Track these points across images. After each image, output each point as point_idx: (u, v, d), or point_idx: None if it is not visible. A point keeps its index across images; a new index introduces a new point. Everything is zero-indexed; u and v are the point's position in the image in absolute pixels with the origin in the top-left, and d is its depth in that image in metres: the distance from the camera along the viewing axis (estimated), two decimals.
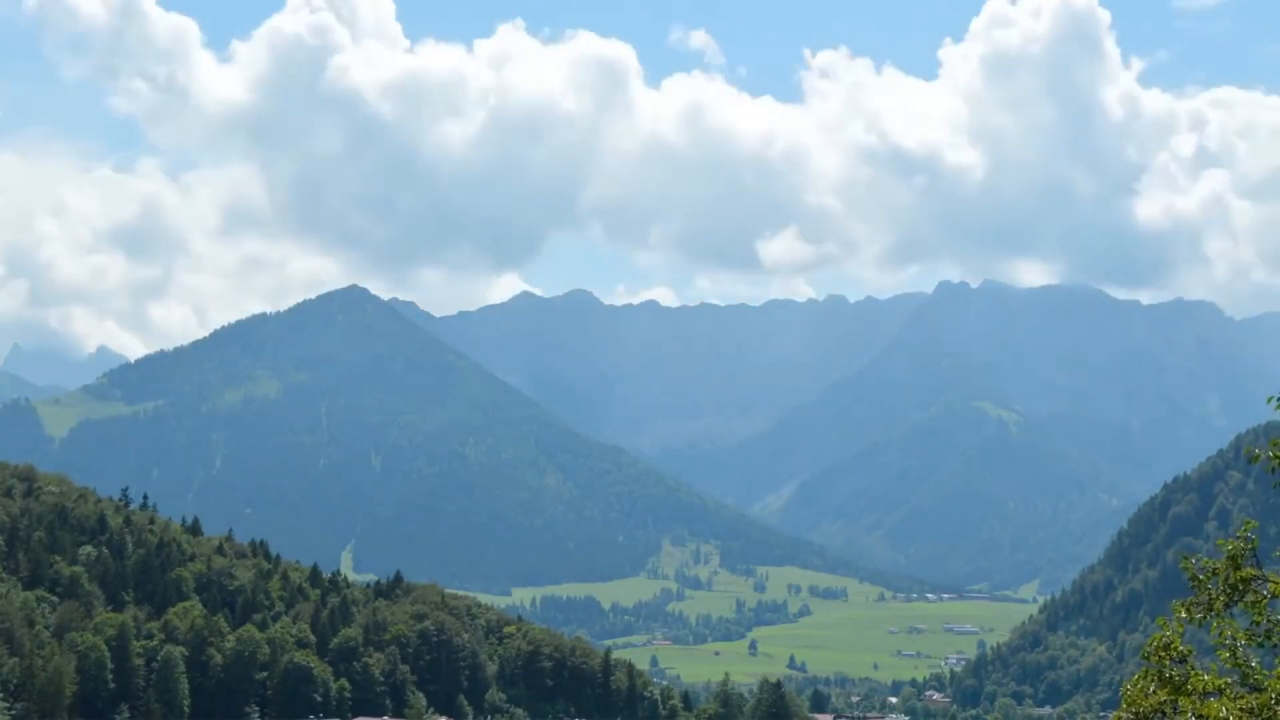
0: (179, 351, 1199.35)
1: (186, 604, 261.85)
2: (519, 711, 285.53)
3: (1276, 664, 31.67)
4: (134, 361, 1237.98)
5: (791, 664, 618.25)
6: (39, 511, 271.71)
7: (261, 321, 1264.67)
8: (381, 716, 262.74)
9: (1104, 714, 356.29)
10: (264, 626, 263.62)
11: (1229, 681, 31.79)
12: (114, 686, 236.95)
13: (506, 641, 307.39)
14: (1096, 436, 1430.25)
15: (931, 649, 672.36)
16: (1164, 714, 31.89)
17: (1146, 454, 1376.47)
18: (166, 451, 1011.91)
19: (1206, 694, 31.51)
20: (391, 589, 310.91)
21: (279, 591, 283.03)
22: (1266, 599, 31.48)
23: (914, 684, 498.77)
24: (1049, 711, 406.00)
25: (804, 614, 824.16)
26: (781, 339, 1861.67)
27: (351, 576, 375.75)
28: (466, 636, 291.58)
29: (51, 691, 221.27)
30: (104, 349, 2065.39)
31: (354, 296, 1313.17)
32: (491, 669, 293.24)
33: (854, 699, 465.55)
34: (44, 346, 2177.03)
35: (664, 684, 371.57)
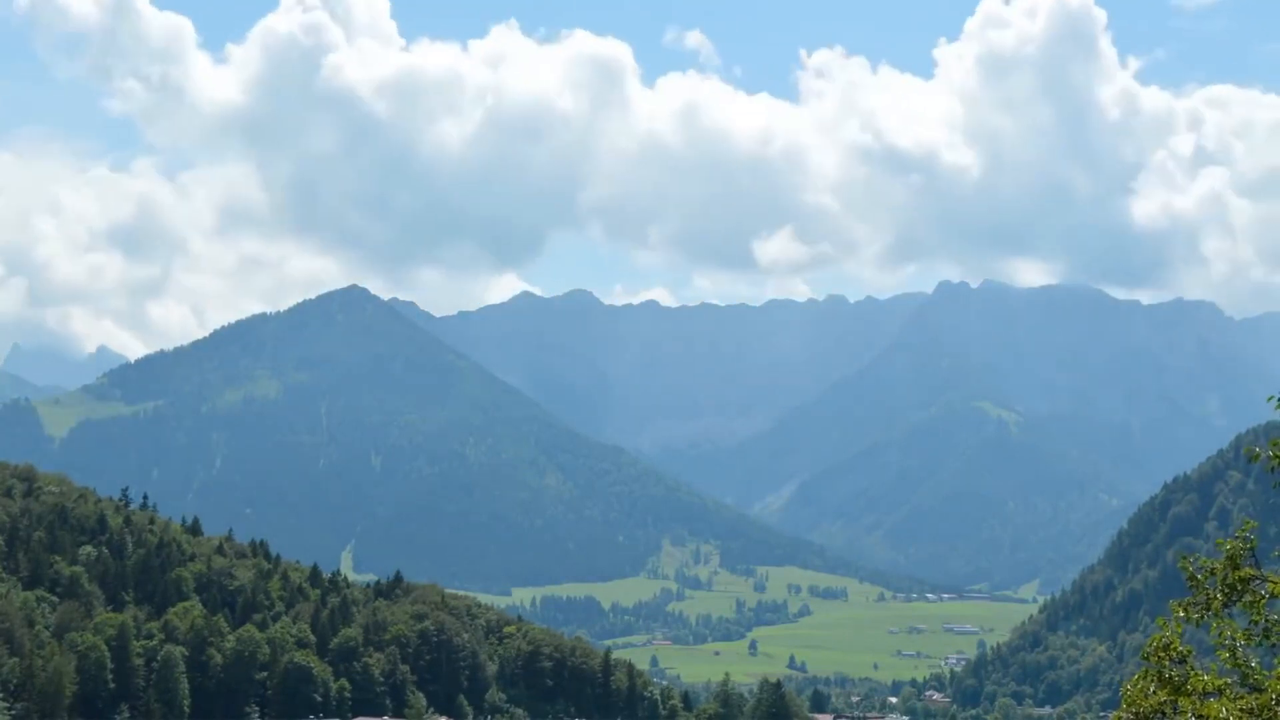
0: (179, 351, 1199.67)
1: (186, 604, 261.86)
2: (519, 711, 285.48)
3: (1276, 664, 31.69)
4: (134, 361, 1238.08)
5: (791, 664, 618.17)
6: (39, 511, 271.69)
7: (261, 321, 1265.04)
8: (381, 716, 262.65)
9: (1104, 714, 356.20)
10: (264, 626, 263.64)
11: (1229, 682, 31.83)
12: (114, 686, 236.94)
13: (506, 641, 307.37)
14: (1096, 436, 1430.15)
15: (931, 649, 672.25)
16: (1164, 714, 31.93)
17: (1146, 454, 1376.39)
18: (166, 451, 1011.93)
19: (1206, 694, 31.54)
20: (391, 589, 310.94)
21: (279, 591, 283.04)
22: (1265, 599, 31.51)
23: (914, 684, 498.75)
24: (1049, 711, 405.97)
25: (804, 614, 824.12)
26: (781, 339, 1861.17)
27: (351, 576, 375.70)
28: (466, 636, 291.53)
29: (51, 691, 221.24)
30: (104, 349, 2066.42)
31: (354, 296, 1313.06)
32: (491, 669, 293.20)
33: (854, 699, 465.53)
34: (44, 346, 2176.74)
35: (664, 684, 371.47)
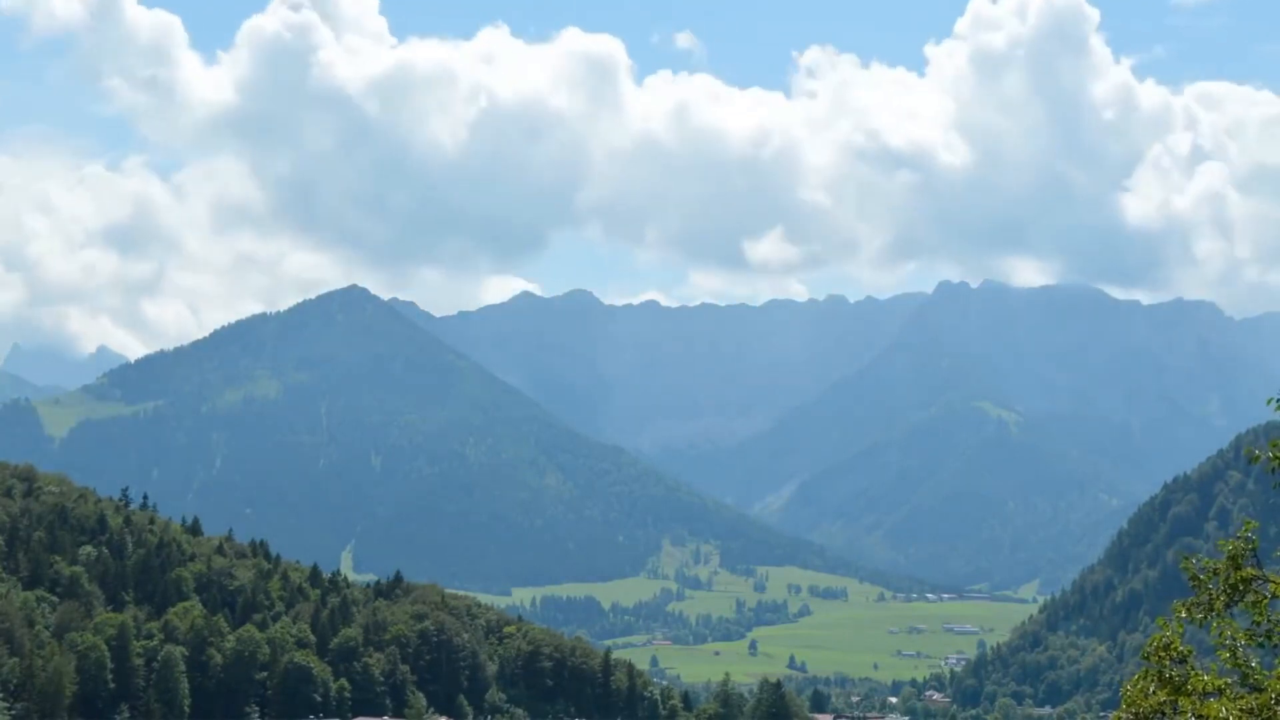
0: (179, 351, 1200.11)
1: (186, 604, 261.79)
2: (519, 711, 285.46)
3: (1276, 664, 31.67)
4: (134, 361, 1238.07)
5: (791, 664, 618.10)
6: (39, 511, 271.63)
7: (261, 321, 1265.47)
8: (381, 716, 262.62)
9: (1104, 714, 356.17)
10: (264, 626, 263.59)
11: (1229, 682, 31.80)
12: (114, 686, 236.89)
13: (506, 641, 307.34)
14: (1096, 436, 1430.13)
15: (931, 649, 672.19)
16: (1164, 714, 31.90)
17: (1146, 454, 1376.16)
18: (166, 451, 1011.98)
19: (1206, 694, 31.52)
20: (391, 589, 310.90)
21: (279, 591, 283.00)
22: (1267, 599, 31.49)
23: (914, 684, 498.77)
24: (1049, 711, 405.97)
25: (804, 614, 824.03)
26: (781, 339, 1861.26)
27: (351, 576, 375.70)
28: (466, 636, 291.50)
29: (51, 691, 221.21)
30: (104, 349, 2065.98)
31: (354, 296, 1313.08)
32: (491, 669, 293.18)
33: (854, 699, 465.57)
34: (44, 346, 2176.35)
35: (664, 684, 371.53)
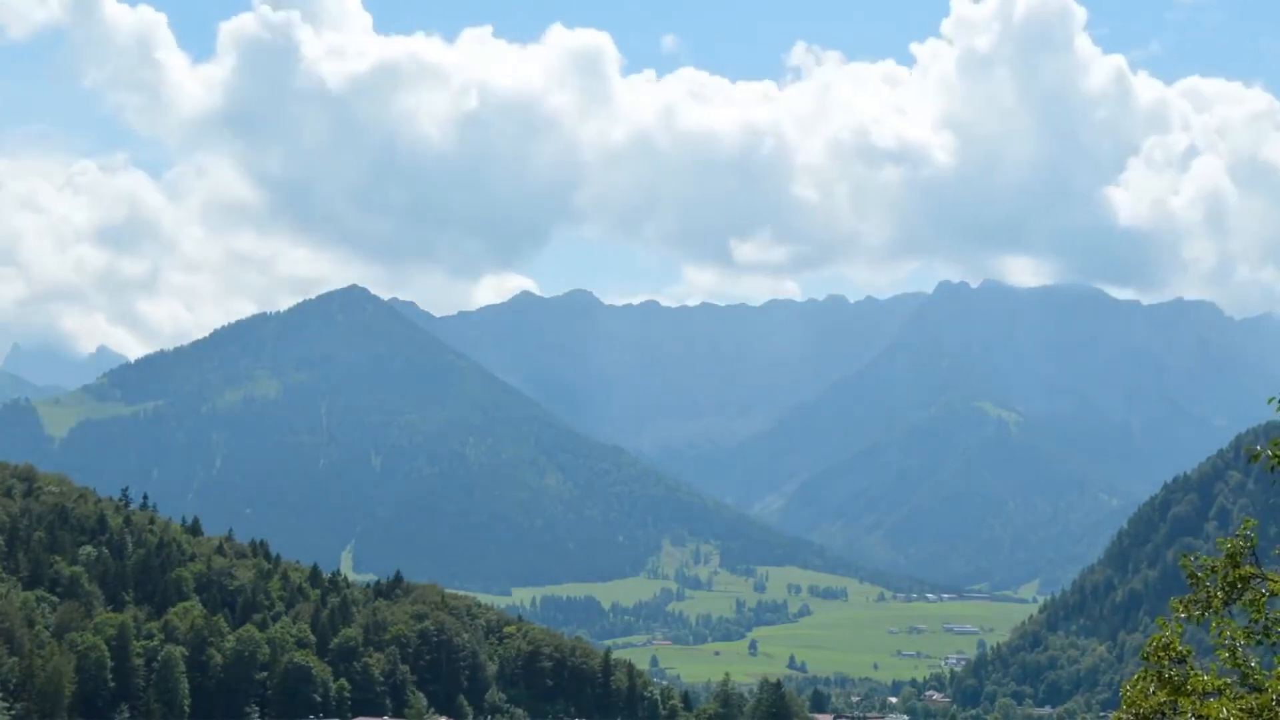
0: (179, 351, 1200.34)
1: (186, 604, 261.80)
2: (519, 711, 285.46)
3: (1276, 664, 31.64)
4: (134, 361, 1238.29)
5: (791, 664, 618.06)
6: (39, 511, 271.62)
7: (261, 321, 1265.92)
8: (381, 716, 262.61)
9: (1104, 714, 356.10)
10: (264, 626, 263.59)
11: (1229, 681, 31.77)
12: (114, 686, 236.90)
13: (506, 641, 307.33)
14: (1096, 436, 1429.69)
15: (931, 649, 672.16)
16: (1164, 714, 31.87)
17: (1146, 454, 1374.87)
18: (166, 451, 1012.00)
19: (1206, 694, 31.49)
20: (391, 589, 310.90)
21: (279, 591, 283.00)
22: (1265, 597, 31.46)
23: (914, 684, 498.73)
24: (1049, 711, 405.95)
25: (804, 614, 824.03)
26: (781, 339, 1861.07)
27: (351, 576, 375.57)
28: (466, 636, 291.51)
29: (51, 691, 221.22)
30: (104, 349, 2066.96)
31: (354, 296, 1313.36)
32: (491, 669, 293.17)
33: (854, 699, 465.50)
34: (43, 346, 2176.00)
35: (664, 684, 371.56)
